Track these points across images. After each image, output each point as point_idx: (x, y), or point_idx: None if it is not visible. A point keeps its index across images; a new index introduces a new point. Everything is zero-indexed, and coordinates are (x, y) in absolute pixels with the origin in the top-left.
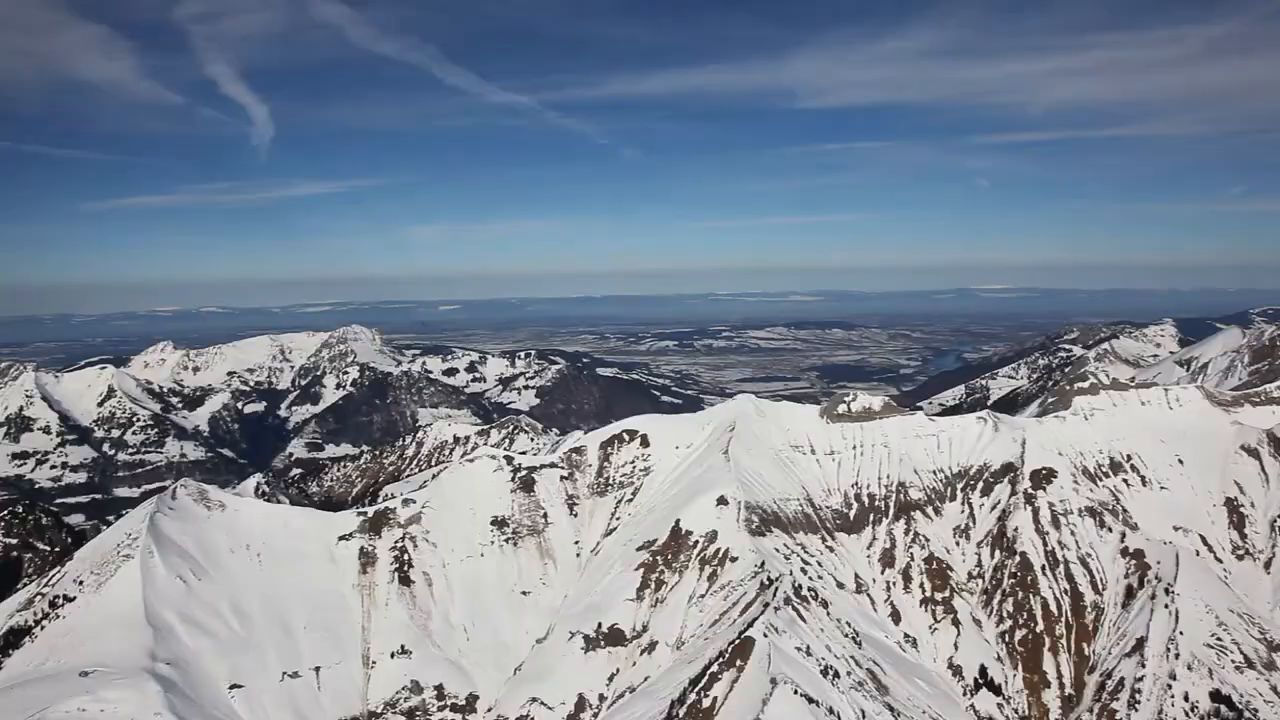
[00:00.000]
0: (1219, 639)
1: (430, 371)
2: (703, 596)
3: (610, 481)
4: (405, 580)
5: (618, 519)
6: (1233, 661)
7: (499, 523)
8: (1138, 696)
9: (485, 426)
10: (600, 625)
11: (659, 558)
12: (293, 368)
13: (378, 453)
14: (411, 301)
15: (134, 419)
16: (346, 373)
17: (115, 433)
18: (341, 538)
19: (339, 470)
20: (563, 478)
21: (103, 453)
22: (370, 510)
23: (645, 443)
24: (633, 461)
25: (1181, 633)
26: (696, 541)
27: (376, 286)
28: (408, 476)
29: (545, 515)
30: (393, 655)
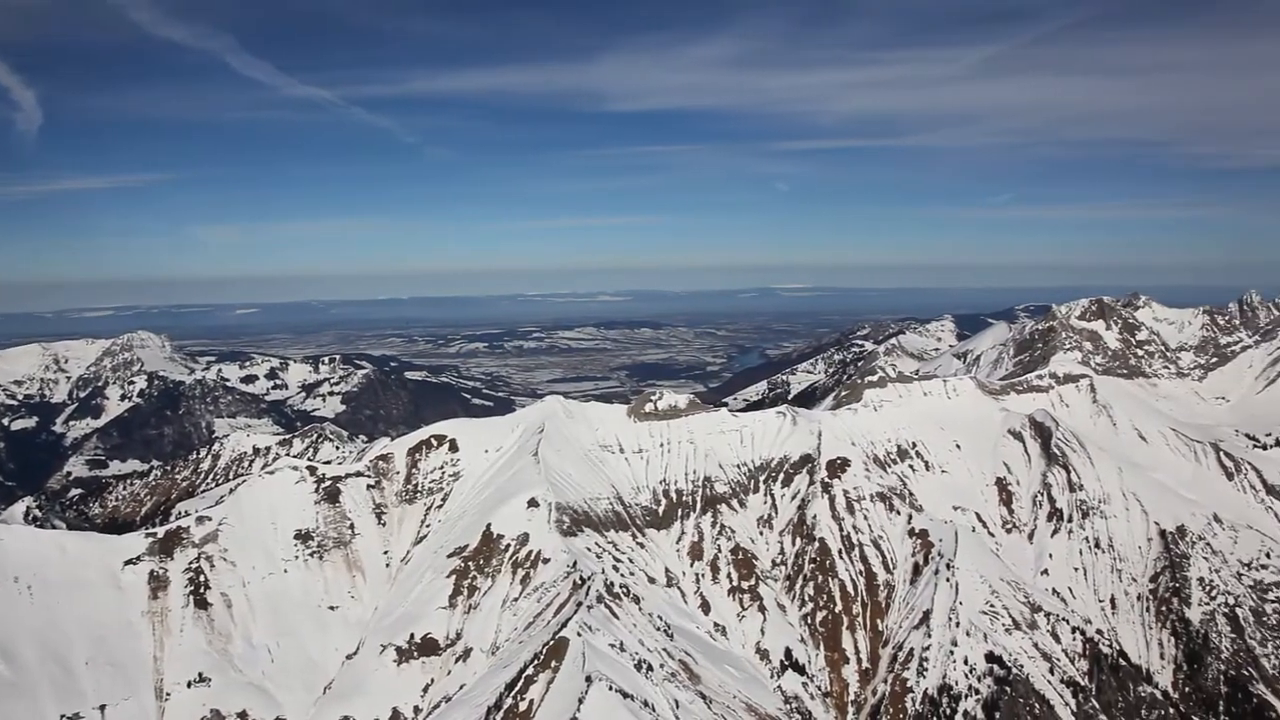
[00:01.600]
0: (992, 605)
1: (227, 379)
2: (516, 600)
3: (419, 488)
4: (202, 603)
5: (428, 526)
6: (1003, 625)
7: (303, 536)
8: (925, 664)
9: (287, 436)
10: (413, 636)
11: (471, 563)
12: (69, 378)
13: (169, 468)
14: (205, 305)
15: None
16: (133, 383)
17: None
18: (128, 562)
19: (125, 489)
20: (369, 486)
21: None
22: (161, 530)
23: (454, 447)
24: (442, 467)
25: (961, 603)
26: (508, 545)
27: (166, 289)
28: (203, 492)
29: (352, 526)
30: (189, 684)
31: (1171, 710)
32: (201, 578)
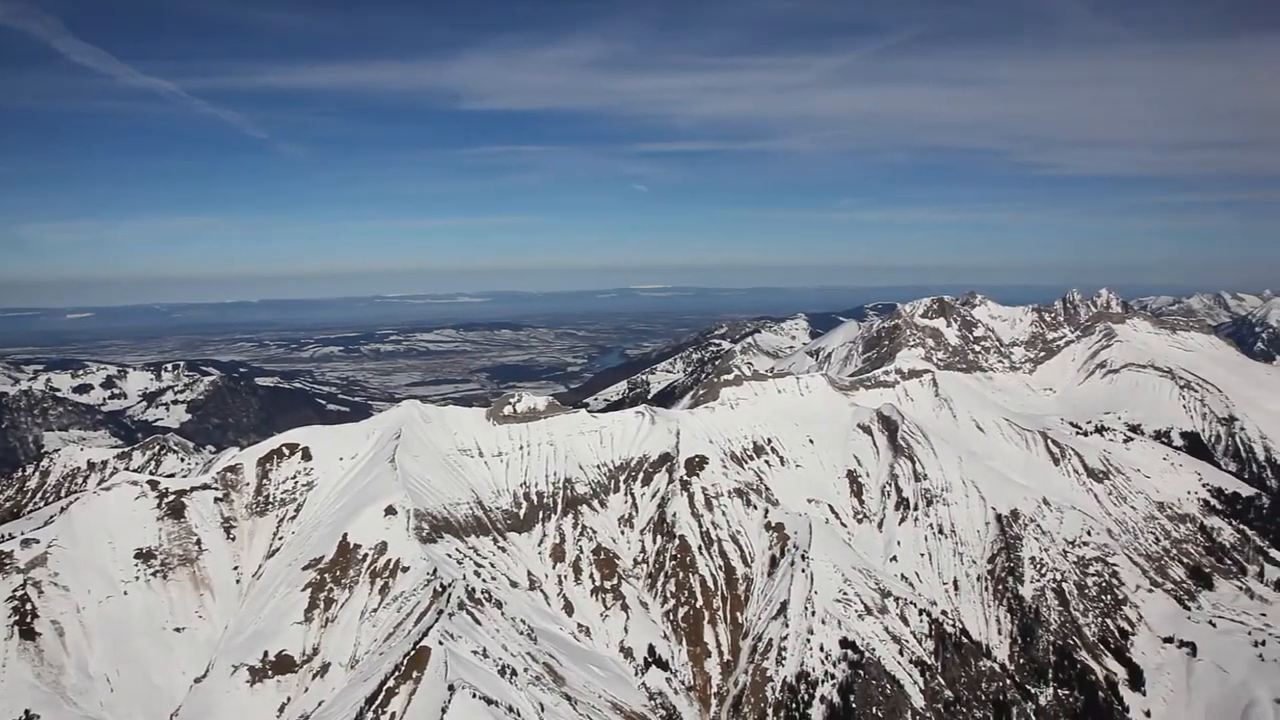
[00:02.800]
0: (845, 593)
1: (57, 389)
2: (375, 610)
3: (271, 499)
4: (28, 633)
5: (281, 539)
6: (856, 611)
7: (144, 555)
8: (784, 653)
9: (126, 448)
10: (266, 654)
11: (327, 575)
12: None
13: None
14: (31, 309)
15: None
16: None
17: None
18: None
19: None
20: (217, 499)
21: None
22: None
23: (307, 456)
24: (294, 476)
25: (816, 592)
26: (366, 554)
27: None
28: (30, 512)
29: (199, 542)
30: None
31: (1008, 681)
32: (28, 606)
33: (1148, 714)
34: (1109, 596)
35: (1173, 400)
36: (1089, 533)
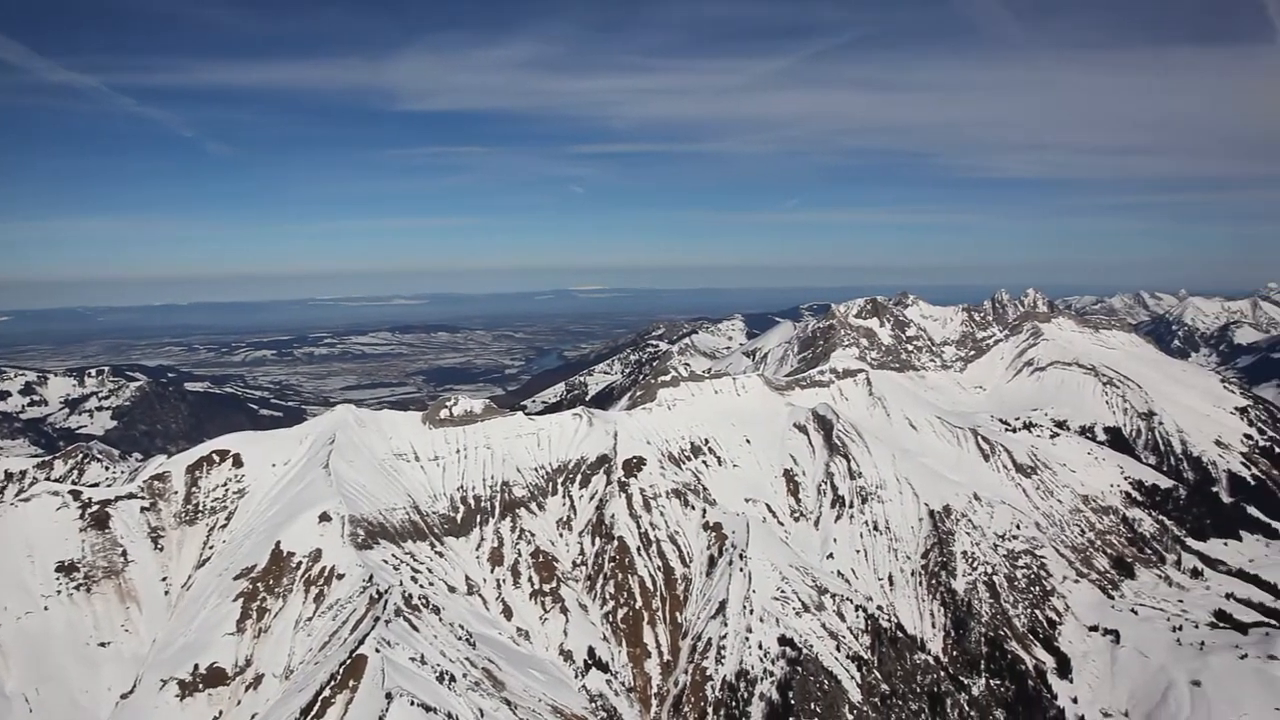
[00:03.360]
0: (782, 591)
1: None
2: (310, 619)
3: (200, 508)
4: None
5: (211, 548)
6: (794, 609)
7: (66, 568)
8: (723, 652)
9: (47, 457)
10: (197, 667)
11: (260, 584)
12: None
13: None
14: None
15: None
16: None
17: None
18: None
19: None
20: (144, 508)
21: None
22: None
23: (238, 462)
24: (225, 484)
25: (754, 591)
26: (300, 562)
27: None
28: None
29: (124, 553)
30: None
31: (942, 673)
32: None
33: (1075, 700)
34: (1037, 588)
35: (1096, 396)
36: (1018, 526)
